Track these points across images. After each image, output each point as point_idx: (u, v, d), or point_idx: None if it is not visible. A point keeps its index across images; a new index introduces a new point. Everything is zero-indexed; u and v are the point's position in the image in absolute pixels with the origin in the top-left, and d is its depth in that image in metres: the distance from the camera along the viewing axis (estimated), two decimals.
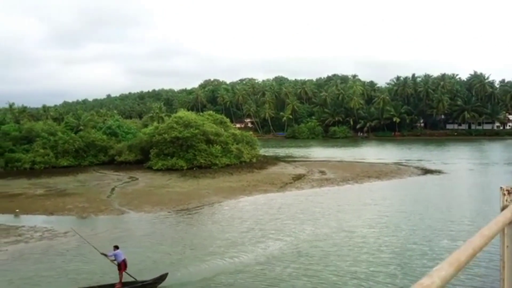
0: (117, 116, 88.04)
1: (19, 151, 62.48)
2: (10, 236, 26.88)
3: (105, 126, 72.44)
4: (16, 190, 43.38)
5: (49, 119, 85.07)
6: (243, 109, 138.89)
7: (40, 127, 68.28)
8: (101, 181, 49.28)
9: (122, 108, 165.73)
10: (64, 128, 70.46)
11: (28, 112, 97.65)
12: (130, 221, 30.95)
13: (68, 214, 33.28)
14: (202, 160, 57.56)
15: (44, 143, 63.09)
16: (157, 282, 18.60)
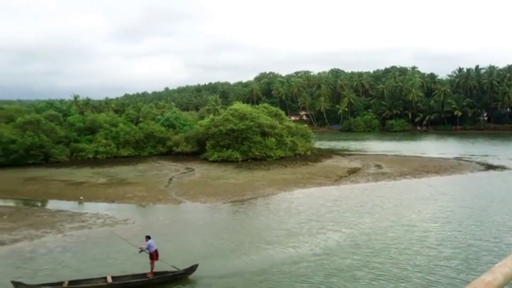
0: (175, 108, 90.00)
1: (83, 141, 65.44)
2: (75, 222, 28.32)
3: (163, 118, 74.32)
4: (80, 179, 45.52)
5: (110, 111, 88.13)
6: (298, 101, 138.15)
7: (102, 118, 71.05)
8: (159, 171, 50.75)
9: (180, 101, 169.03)
10: (125, 120, 72.94)
11: (91, 104, 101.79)
12: (187, 211, 31.78)
13: (128, 202, 34.58)
14: (257, 152, 57.94)
15: (106, 134, 65.69)
16: (188, 272, 19.05)
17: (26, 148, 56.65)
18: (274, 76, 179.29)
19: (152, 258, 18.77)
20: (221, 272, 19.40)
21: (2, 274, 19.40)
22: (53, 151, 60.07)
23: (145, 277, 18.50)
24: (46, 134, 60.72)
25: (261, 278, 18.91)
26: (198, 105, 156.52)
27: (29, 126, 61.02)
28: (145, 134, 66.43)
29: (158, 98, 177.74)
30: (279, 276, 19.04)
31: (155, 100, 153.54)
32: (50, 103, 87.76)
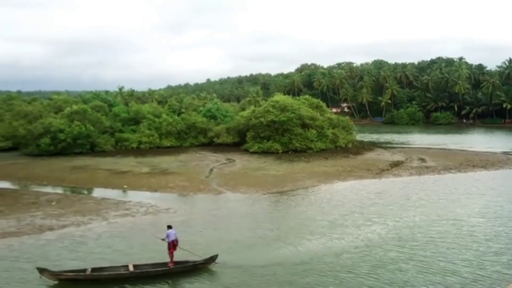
0: (216, 100, 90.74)
1: (127, 131, 67.03)
2: (119, 210, 29.16)
3: (205, 109, 75.10)
4: (124, 168, 46.73)
5: (154, 102, 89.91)
6: (340, 93, 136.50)
7: (146, 109, 72.48)
8: (200, 161, 51.41)
9: (221, 92, 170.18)
10: (167, 111, 74.16)
11: (135, 95, 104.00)
12: (228, 201, 32.12)
13: (170, 191, 35.26)
14: (297, 144, 57.76)
15: (149, 125, 67.01)
16: (208, 262, 19.31)
17: (74, 137, 58.57)
18: (316, 68, 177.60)
19: (169, 248, 19.01)
20: (265, 261, 19.71)
21: (58, 256, 20.66)
22: (99, 140, 61.87)
23: (166, 266, 18.83)
24: (92, 124, 62.59)
25: (305, 268, 19.08)
26: (239, 97, 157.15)
27: (76, 116, 63.04)
28: (187, 125, 67.36)
29: (200, 89, 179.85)
30: (323, 266, 19.21)
31: (197, 91, 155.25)
32: (97, 94, 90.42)
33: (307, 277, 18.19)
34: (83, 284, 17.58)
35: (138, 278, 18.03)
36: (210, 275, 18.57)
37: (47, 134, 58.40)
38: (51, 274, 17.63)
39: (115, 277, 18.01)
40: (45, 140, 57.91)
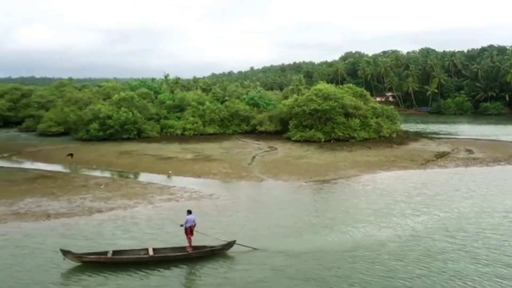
0: (259, 88, 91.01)
1: (172, 118, 68.47)
2: (164, 194, 30.05)
3: (248, 97, 75.53)
4: (169, 154, 47.89)
5: (198, 90, 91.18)
6: (385, 82, 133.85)
7: (190, 97, 73.73)
8: (243, 149, 51.98)
9: (264, 80, 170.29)
10: (211, 98, 75.14)
11: (180, 83, 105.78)
12: (270, 188, 32.46)
13: (213, 178, 35.96)
14: (340, 133, 57.37)
15: (193, 112, 68.16)
16: (225, 248, 19.52)
17: (121, 123, 60.44)
18: (360, 56, 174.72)
19: (186, 234, 19.24)
20: (311, 247, 19.99)
21: (113, 235, 21.77)
22: (145, 127, 63.56)
23: (185, 250, 19.09)
24: (139, 111, 64.34)
25: (352, 254, 19.23)
26: (282, 85, 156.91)
27: (123, 103, 64.94)
28: (230, 113, 68.07)
29: (243, 77, 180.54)
30: (370, 253, 19.29)
31: (240, 79, 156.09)
32: (143, 82, 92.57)
33: (354, 263, 18.32)
34: (105, 266, 18.01)
35: (157, 262, 18.40)
36: (256, 260, 18.81)
37: (96, 120, 60.56)
38: (74, 256, 18.09)
39: (135, 261, 18.38)
40: (94, 125, 60.09)
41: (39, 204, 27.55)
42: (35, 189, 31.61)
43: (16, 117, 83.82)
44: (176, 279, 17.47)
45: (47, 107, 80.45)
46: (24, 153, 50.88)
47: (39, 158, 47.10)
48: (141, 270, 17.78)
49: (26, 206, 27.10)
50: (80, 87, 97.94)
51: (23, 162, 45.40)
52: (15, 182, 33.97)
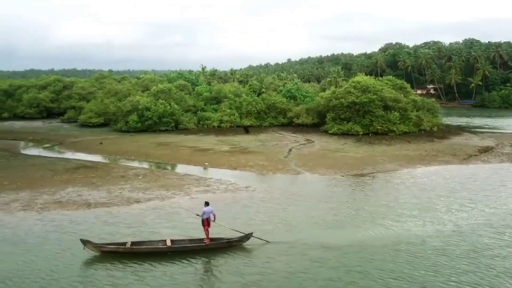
0: (297, 80, 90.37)
1: (209, 110, 68.85)
2: (201, 186, 30.16)
3: (285, 89, 75.13)
4: (206, 146, 48.15)
5: (235, 82, 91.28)
6: (426, 74, 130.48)
7: (227, 89, 73.89)
8: (279, 141, 51.70)
9: (301, 72, 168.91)
10: (248, 91, 75.10)
11: (217, 75, 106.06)
12: (306, 181, 32.08)
13: (249, 170, 35.86)
14: (378, 126, 56.28)
15: (230, 104, 68.32)
16: (242, 240, 19.41)
17: (159, 115, 61.21)
18: (401, 47, 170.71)
19: (203, 225, 19.23)
20: (351, 240, 19.70)
21: (158, 224, 22.12)
22: (182, 118, 64.16)
23: (202, 242, 19.07)
24: (177, 103, 64.99)
25: (394, 248, 18.82)
26: (319, 77, 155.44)
27: (161, 95, 65.74)
28: (267, 105, 67.86)
29: (280, 69, 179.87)
30: (413, 248, 18.84)
31: (277, 71, 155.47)
32: (181, 74, 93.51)
33: (397, 257, 17.91)
34: (123, 256, 18.11)
35: (175, 252, 18.44)
36: (297, 252, 18.65)
37: (135, 112, 61.56)
38: (94, 246, 18.26)
39: (153, 251, 18.47)
40: (133, 117, 61.10)
41: (80, 194, 28.16)
42: (76, 179, 32.35)
43: (59, 108, 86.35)
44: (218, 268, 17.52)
45: (87, 98, 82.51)
46: (66, 143, 52.29)
47: (80, 148, 48.29)
48: (161, 261, 17.83)
49: (68, 195, 27.76)
50: (120, 79, 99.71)
51: (65, 152, 46.64)
52: (58, 172, 34.88)
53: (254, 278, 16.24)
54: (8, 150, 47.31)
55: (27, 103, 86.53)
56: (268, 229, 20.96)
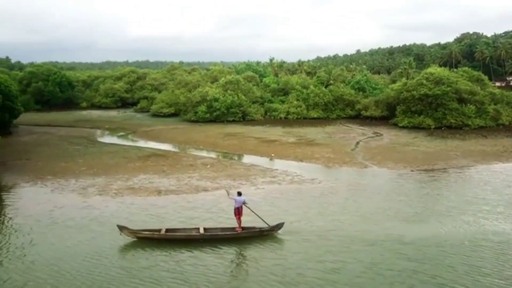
0: (366, 71, 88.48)
1: (276, 101, 69.08)
2: (266, 177, 30.36)
3: (354, 81, 73.80)
4: (272, 137, 48.39)
5: (303, 73, 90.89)
6: (506, 65, 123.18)
7: (295, 80, 73.75)
8: (346, 134, 50.95)
9: (371, 63, 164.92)
10: (315, 82, 74.52)
11: (285, 67, 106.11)
12: (374, 175, 31.37)
13: (315, 162, 35.62)
14: (452, 120, 53.96)
15: (297, 96, 68.16)
16: (274, 229, 19.43)
17: (227, 106, 62.23)
18: (478, 37, 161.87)
19: (235, 214, 19.46)
20: (430, 234, 19.25)
21: (231, 211, 21.94)
22: (250, 109, 64.84)
23: (234, 231, 19.24)
24: (244, 94, 65.76)
25: (479, 244, 18.14)
26: (390, 68, 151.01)
27: (230, 86, 66.76)
28: (335, 97, 67.02)
29: (349, 60, 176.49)
30: (502, 245, 18.05)
31: (346, 62, 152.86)
32: (249, 65, 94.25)
33: (483, 253, 17.22)
34: (158, 243, 18.52)
35: (207, 240, 18.71)
36: (371, 242, 18.54)
37: (204, 102, 62.98)
38: (130, 232, 18.77)
39: (186, 238, 18.82)
40: (202, 108, 62.57)
41: (151, 181, 29.29)
42: (147, 167, 33.69)
43: (132, 98, 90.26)
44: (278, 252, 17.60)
45: (159, 89, 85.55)
46: (139, 132, 54.53)
47: (151, 137, 50.16)
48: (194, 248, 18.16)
49: (140, 182, 28.97)
50: (190, 70, 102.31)
51: (137, 140, 48.65)
52: (131, 159, 36.50)
53: (337, 266, 16.29)
54: (86, 137, 50.10)
55: (104, 93, 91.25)
56: (343, 219, 21.15)
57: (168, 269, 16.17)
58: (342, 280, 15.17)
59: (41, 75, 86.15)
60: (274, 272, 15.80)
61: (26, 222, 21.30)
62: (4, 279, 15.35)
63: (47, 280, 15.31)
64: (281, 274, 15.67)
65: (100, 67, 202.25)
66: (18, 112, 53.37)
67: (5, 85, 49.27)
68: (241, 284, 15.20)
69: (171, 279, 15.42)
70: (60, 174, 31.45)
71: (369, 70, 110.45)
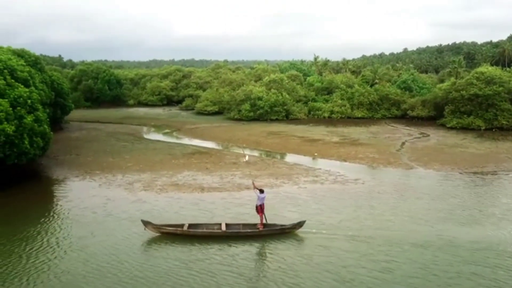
0: (413, 70, 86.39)
1: (320, 100, 68.56)
2: (309, 176, 30.23)
3: (400, 80, 72.26)
4: (315, 136, 48.08)
5: (347, 72, 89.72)
6: None
7: (339, 79, 72.91)
8: (391, 134, 49.97)
9: (418, 62, 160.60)
10: (360, 81, 73.45)
11: (329, 65, 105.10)
12: (419, 177, 30.62)
13: (359, 162, 35.13)
14: (504, 121, 51.92)
15: (342, 95, 67.39)
16: (295, 227, 19.56)
17: (271, 105, 62.30)
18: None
19: (257, 211, 19.58)
20: (489, 239, 18.84)
21: (281, 208, 22.98)
22: (293, 108, 64.66)
23: (255, 227, 19.41)
24: (288, 93, 65.66)
25: None
26: (438, 67, 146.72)
27: (273, 85, 66.80)
28: (380, 96, 65.85)
29: (395, 59, 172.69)
30: None
31: (392, 61, 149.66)
32: (293, 64, 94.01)
33: None
34: (181, 238, 18.99)
35: (229, 237, 18.99)
36: (421, 244, 18.29)
37: (248, 101, 63.26)
38: (153, 227, 19.34)
39: (208, 235, 19.16)
40: (245, 106, 62.90)
41: (195, 178, 29.75)
42: (191, 164, 34.23)
43: (177, 96, 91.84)
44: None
45: (204, 87, 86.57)
46: (183, 129, 55.43)
47: (196, 135, 50.88)
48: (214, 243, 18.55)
49: (184, 179, 29.48)
50: (234, 69, 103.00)
51: (182, 138, 49.46)
52: (175, 156, 37.19)
53: (390, 265, 16.30)
54: (133, 134, 51.40)
55: (150, 91, 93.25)
56: (393, 220, 21.15)
57: (222, 262, 16.73)
58: (396, 280, 15.21)
59: (91, 73, 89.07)
60: (328, 270, 15.99)
61: (84, 213, 22.49)
62: (68, 269, 16.26)
63: (109, 269, 16.23)
64: (335, 271, 15.84)
65: (147, 65, 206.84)
66: (69, 109, 55.36)
67: (57, 83, 51.22)
68: (296, 281, 15.32)
69: (226, 272, 15.96)
70: (108, 169, 32.47)
71: (416, 69, 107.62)
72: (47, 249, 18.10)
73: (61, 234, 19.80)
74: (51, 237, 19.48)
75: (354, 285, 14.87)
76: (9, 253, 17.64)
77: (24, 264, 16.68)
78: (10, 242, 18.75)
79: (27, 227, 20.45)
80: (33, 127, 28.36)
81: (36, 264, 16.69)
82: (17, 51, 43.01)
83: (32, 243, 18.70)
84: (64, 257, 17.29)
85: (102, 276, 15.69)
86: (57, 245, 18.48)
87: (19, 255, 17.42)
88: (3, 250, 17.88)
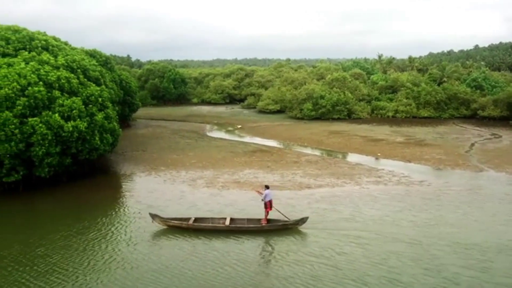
0: (484, 68, 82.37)
1: (384, 99, 66.88)
2: (372, 177, 29.62)
3: (470, 79, 69.10)
4: (378, 136, 47.01)
5: (413, 70, 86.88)
6: None
7: (404, 77, 70.78)
8: (460, 135, 47.93)
9: (490, 59, 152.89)
10: (427, 80, 70.89)
11: (394, 63, 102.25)
12: (490, 180, 29.14)
13: (425, 163, 33.96)
14: None
15: (407, 94, 65.37)
16: (297, 223, 19.88)
17: (333, 103, 61.58)
18: None
19: (266, 207, 20.04)
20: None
21: (364, 205, 23.01)
22: (356, 107, 63.56)
23: (259, 223, 19.68)
24: (351, 92, 64.59)
25: None
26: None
27: (336, 83, 65.97)
28: (448, 95, 63.35)
29: (465, 56, 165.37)
30: None
31: (461, 59, 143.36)
32: (356, 62, 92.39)
33: None
34: (187, 232, 19.46)
35: (233, 231, 19.32)
36: (476, 254, 17.52)
37: (310, 100, 62.89)
38: (161, 220, 19.94)
39: (213, 229, 19.54)
40: (307, 105, 62.57)
41: (256, 176, 30.00)
42: (253, 162, 34.53)
43: (240, 94, 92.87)
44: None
45: (266, 86, 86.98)
46: (246, 128, 56.00)
47: (257, 133, 51.24)
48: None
49: (245, 176, 29.80)
50: (296, 67, 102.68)
51: (244, 136, 49.95)
52: (237, 154, 37.66)
53: (486, 265, 16.07)
54: (197, 132, 52.56)
55: (213, 89, 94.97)
56: (468, 224, 20.64)
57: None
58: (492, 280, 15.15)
59: (157, 72, 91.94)
60: (428, 274, 15.82)
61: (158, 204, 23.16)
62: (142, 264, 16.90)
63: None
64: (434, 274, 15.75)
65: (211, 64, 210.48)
66: (137, 107, 57.50)
67: (126, 82, 53.35)
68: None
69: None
70: (172, 165, 33.43)
71: (488, 66, 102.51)
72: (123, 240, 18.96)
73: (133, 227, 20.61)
74: (126, 228, 20.37)
75: None
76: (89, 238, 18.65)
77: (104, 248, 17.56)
78: (88, 228, 20.01)
79: (99, 218, 21.57)
80: (104, 124, 29.72)
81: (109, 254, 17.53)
82: (89, 52, 45.29)
83: (106, 233, 19.67)
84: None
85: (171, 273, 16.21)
86: (130, 239, 19.26)
87: (99, 241, 18.37)
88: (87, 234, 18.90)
